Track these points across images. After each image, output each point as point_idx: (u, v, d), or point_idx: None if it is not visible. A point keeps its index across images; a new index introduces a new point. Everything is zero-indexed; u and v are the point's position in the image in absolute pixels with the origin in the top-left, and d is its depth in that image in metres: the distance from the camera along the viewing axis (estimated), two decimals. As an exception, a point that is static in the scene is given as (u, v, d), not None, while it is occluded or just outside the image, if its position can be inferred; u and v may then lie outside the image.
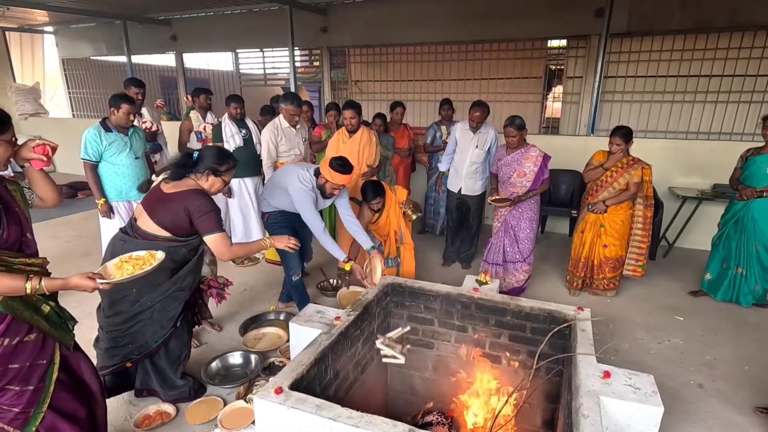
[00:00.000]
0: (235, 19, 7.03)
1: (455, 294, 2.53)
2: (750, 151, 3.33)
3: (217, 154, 2.17)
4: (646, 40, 5.10)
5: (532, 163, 3.35)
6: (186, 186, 2.11)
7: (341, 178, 2.73)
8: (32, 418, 1.55)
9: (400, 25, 6.00)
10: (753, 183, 3.22)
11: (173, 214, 2.05)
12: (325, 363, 1.99)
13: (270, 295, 3.63)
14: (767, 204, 3.22)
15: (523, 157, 3.37)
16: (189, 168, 2.14)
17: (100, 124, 3.15)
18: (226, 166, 2.16)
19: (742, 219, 3.31)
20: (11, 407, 1.51)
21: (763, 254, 3.29)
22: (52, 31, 9.03)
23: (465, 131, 3.77)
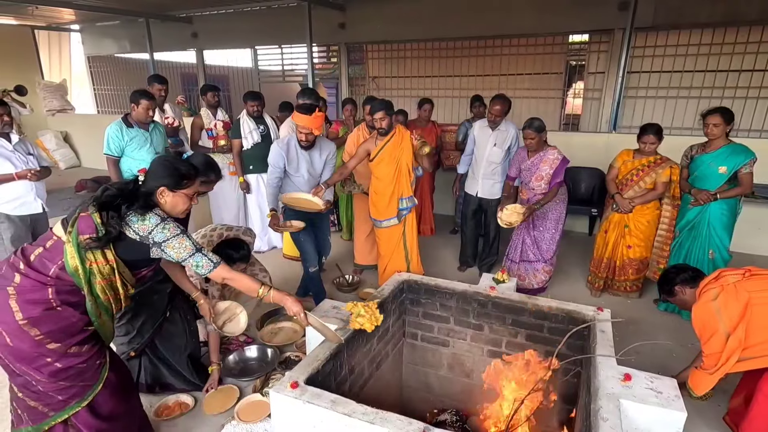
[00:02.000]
0: (255, 16, 7.09)
1: (471, 292, 2.51)
2: (695, 148, 3.13)
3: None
4: (672, 34, 4.94)
5: (548, 166, 3.25)
6: None
7: (303, 119, 2.80)
8: (69, 408, 1.64)
9: (418, 21, 5.95)
10: (706, 185, 3.01)
11: None
12: (340, 359, 2.00)
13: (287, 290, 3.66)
14: (723, 207, 3.01)
15: (541, 160, 3.28)
16: None
17: (122, 120, 3.23)
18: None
19: (697, 225, 3.10)
20: (56, 395, 1.61)
21: (719, 261, 3.07)
22: (78, 29, 9.27)
23: (483, 128, 3.66)
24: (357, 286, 3.74)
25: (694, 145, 3.16)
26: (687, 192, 3.16)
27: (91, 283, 1.59)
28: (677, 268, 2.34)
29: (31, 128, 7.99)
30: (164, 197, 1.71)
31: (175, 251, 1.65)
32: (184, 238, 1.67)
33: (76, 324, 1.60)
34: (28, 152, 3.02)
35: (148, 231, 1.62)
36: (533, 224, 3.43)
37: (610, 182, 3.38)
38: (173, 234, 1.64)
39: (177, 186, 1.72)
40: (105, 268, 1.60)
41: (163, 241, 1.63)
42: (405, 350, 2.78)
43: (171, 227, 1.65)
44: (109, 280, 1.62)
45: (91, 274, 1.58)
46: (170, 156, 1.88)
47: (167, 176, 1.70)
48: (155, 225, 1.62)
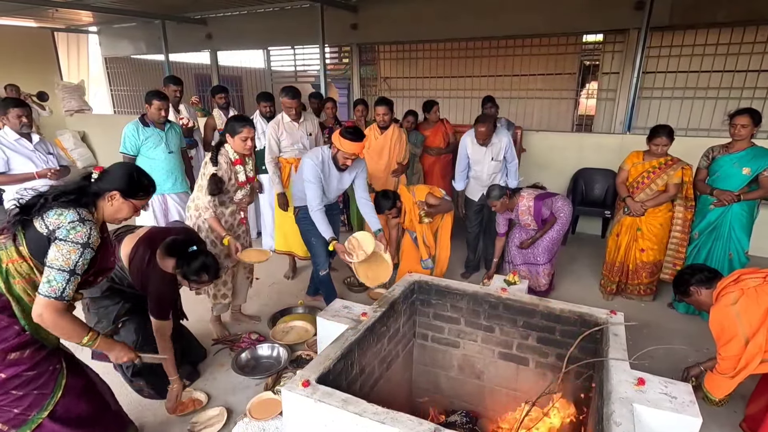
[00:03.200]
0: (268, 17, 7.15)
1: (482, 293, 2.50)
2: (716, 149, 3.08)
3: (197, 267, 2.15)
4: (689, 34, 4.86)
5: (527, 216, 3.37)
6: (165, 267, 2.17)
7: (351, 146, 2.72)
8: (30, 421, 1.56)
9: (430, 22, 5.94)
10: (727, 185, 2.96)
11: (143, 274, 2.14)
12: (351, 358, 2.01)
13: (298, 289, 3.69)
14: (744, 208, 2.97)
15: (519, 212, 3.41)
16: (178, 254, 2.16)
17: (139, 119, 3.29)
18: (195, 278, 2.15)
19: (719, 226, 3.05)
20: (11, 408, 1.53)
21: (736, 263, 3.04)
22: (96, 31, 9.45)
23: (475, 146, 3.59)
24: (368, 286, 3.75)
25: (715, 146, 3.12)
26: (707, 193, 3.11)
27: (9, 284, 1.49)
28: (693, 268, 2.31)
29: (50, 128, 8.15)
30: (113, 201, 1.62)
31: (55, 253, 1.44)
32: (77, 250, 1.45)
33: (7, 329, 1.50)
34: (48, 152, 3.09)
35: (57, 225, 1.46)
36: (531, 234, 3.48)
37: (620, 185, 3.35)
38: (75, 240, 1.45)
39: (130, 195, 1.65)
40: (22, 266, 1.48)
41: (61, 238, 1.44)
42: (415, 351, 2.78)
43: (81, 232, 1.46)
44: (29, 280, 1.50)
45: (8, 274, 1.48)
46: (134, 165, 1.78)
47: (126, 183, 1.64)
48: (69, 221, 1.46)
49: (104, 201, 1.61)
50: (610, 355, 1.91)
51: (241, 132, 2.57)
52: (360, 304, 2.40)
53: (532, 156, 5.03)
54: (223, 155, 2.62)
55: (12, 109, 2.87)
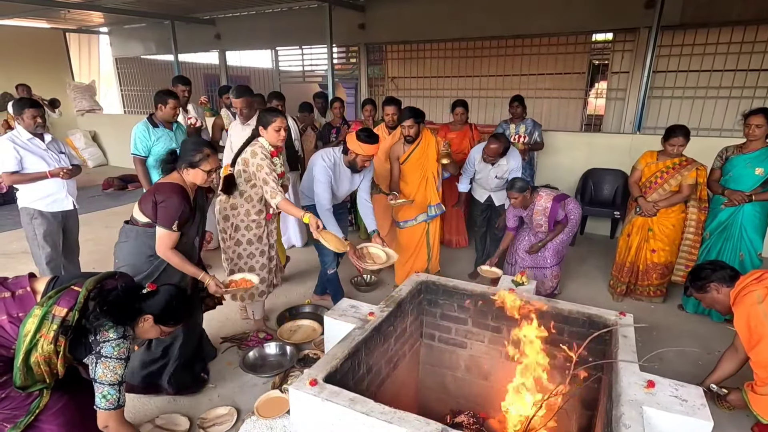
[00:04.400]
0: (276, 17, 7.18)
1: (490, 294, 2.49)
2: (730, 149, 3.04)
3: (189, 146, 2.20)
4: (700, 32, 4.80)
5: (541, 216, 3.29)
6: (170, 178, 2.19)
7: (370, 148, 2.78)
8: None
9: (438, 21, 5.93)
10: (740, 186, 2.94)
11: (148, 201, 2.14)
12: (358, 357, 2.01)
13: (305, 288, 3.71)
14: (757, 209, 2.94)
15: (533, 211, 3.32)
16: (173, 163, 2.20)
17: (148, 120, 3.30)
18: (199, 155, 2.16)
19: (729, 227, 3.02)
20: None
21: (748, 264, 3.00)
22: (106, 31, 9.56)
23: (482, 162, 3.57)
24: (375, 286, 3.76)
25: (729, 146, 3.08)
26: (719, 193, 3.09)
27: (28, 353, 1.51)
28: (715, 264, 2.23)
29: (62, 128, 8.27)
30: (144, 323, 1.69)
31: (104, 370, 1.55)
32: (121, 365, 1.58)
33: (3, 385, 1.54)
34: (60, 151, 3.13)
35: (104, 339, 1.55)
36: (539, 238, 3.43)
37: (633, 185, 3.31)
38: (118, 356, 1.57)
39: (162, 322, 1.72)
40: (49, 347, 1.51)
41: (106, 356, 1.55)
42: (422, 351, 2.78)
43: (123, 349, 1.58)
44: (47, 358, 1.53)
45: (34, 345, 1.51)
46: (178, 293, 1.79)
47: (162, 311, 1.70)
48: (114, 338, 1.56)
49: (139, 321, 1.69)
50: (619, 357, 1.89)
51: (274, 122, 2.60)
52: (367, 304, 2.40)
53: (542, 155, 5.00)
54: (259, 149, 2.62)
55: (27, 109, 2.91)
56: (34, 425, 1.62)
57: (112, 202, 6.45)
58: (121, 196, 6.79)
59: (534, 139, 4.36)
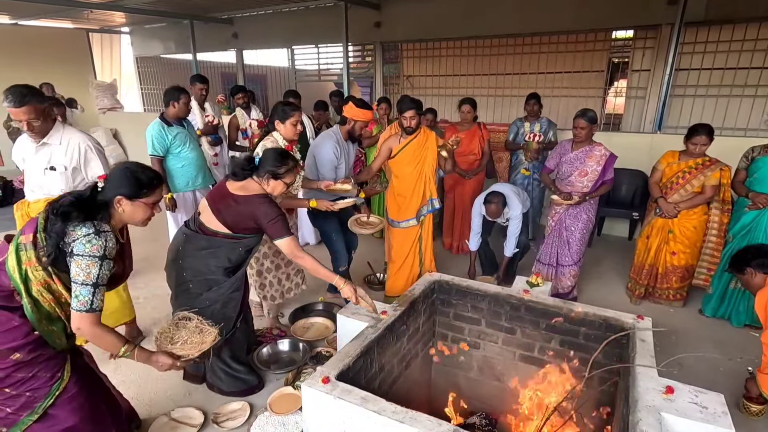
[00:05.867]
0: (292, 16, 7.23)
1: (504, 295, 2.47)
2: (757, 150, 2.94)
3: (275, 157, 2.17)
4: (725, 29, 4.66)
5: (595, 163, 3.13)
6: (252, 190, 2.15)
7: (367, 113, 2.94)
8: (20, 422, 1.58)
9: (454, 19, 5.88)
10: (765, 188, 2.83)
11: (238, 215, 2.12)
12: (370, 356, 2.01)
13: (319, 285, 3.72)
14: None
15: (587, 155, 3.15)
16: (250, 171, 2.18)
17: (160, 119, 3.28)
18: (284, 168, 2.16)
19: (753, 230, 2.92)
20: (4, 407, 1.56)
21: None
22: (128, 31, 9.76)
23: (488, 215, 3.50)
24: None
25: (756, 147, 2.99)
26: (744, 195, 3.00)
27: (28, 285, 1.51)
28: (758, 249, 2.32)
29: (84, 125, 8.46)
30: (122, 206, 1.62)
31: (76, 269, 1.48)
32: (95, 264, 1.49)
33: (18, 329, 1.52)
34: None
35: (74, 239, 1.48)
36: (564, 224, 3.33)
37: (653, 185, 3.23)
38: (92, 253, 1.48)
39: (136, 195, 1.63)
40: (37, 271, 1.51)
41: (77, 254, 1.48)
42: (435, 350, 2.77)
43: (97, 245, 1.49)
44: (45, 283, 1.52)
45: (27, 277, 1.51)
46: (132, 163, 1.72)
47: (126, 185, 1.62)
48: (84, 234, 1.49)
49: (115, 209, 1.62)
50: (636, 362, 1.85)
51: (292, 116, 2.65)
52: (379, 302, 2.40)
53: (558, 155, 4.92)
54: (270, 144, 2.65)
55: None
56: (47, 413, 1.62)
57: None
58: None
59: (548, 138, 4.30)
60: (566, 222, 3.33)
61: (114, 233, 1.59)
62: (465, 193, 4.23)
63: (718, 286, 3.11)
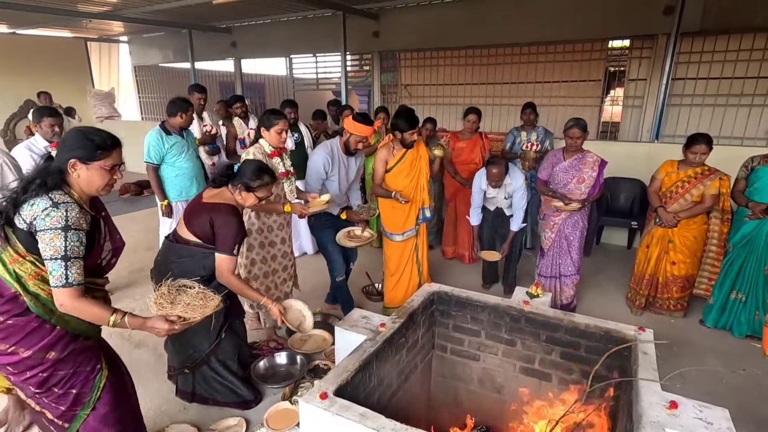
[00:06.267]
0: (290, 26, 7.27)
1: (504, 306, 2.44)
2: (756, 159, 2.94)
3: (252, 170, 2.16)
4: (721, 39, 4.69)
5: (590, 169, 3.16)
6: (223, 199, 2.15)
7: (363, 129, 2.85)
8: (77, 417, 1.63)
9: (452, 29, 5.92)
10: (764, 198, 2.82)
11: (202, 222, 2.10)
12: (369, 370, 1.98)
13: (316, 296, 3.69)
14: None
15: (581, 162, 3.19)
16: (227, 179, 2.17)
17: (160, 127, 3.32)
18: (258, 182, 2.14)
19: (753, 239, 2.91)
20: (58, 405, 1.60)
21: None
22: (126, 40, 9.79)
23: (489, 187, 3.49)
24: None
25: (756, 156, 3.00)
26: (743, 205, 3.00)
27: (22, 283, 1.48)
28: None
29: (81, 134, 8.46)
30: (77, 170, 1.51)
31: (42, 246, 1.42)
32: (59, 236, 1.41)
33: (40, 328, 1.51)
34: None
35: (33, 217, 1.42)
36: (564, 234, 3.32)
37: (652, 195, 3.23)
38: (53, 226, 1.41)
39: (91, 157, 1.51)
40: (25, 264, 1.47)
41: (41, 230, 1.41)
42: (434, 362, 2.73)
43: (57, 216, 1.42)
44: (38, 275, 1.49)
45: (18, 275, 1.48)
46: (86, 127, 1.63)
47: (78, 147, 1.51)
48: (42, 209, 1.42)
49: (71, 176, 1.52)
50: (639, 375, 1.82)
51: (276, 124, 2.65)
52: (378, 314, 2.38)
53: (556, 164, 4.93)
54: (253, 150, 2.66)
55: (46, 118, 2.96)
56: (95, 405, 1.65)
57: (128, 207, 6.56)
58: (138, 201, 6.90)
59: (545, 147, 4.30)
60: (566, 231, 3.32)
61: (80, 204, 1.52)
62: (466, 201, 4.22)
63: (719, 296, 3.10)
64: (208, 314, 1.75)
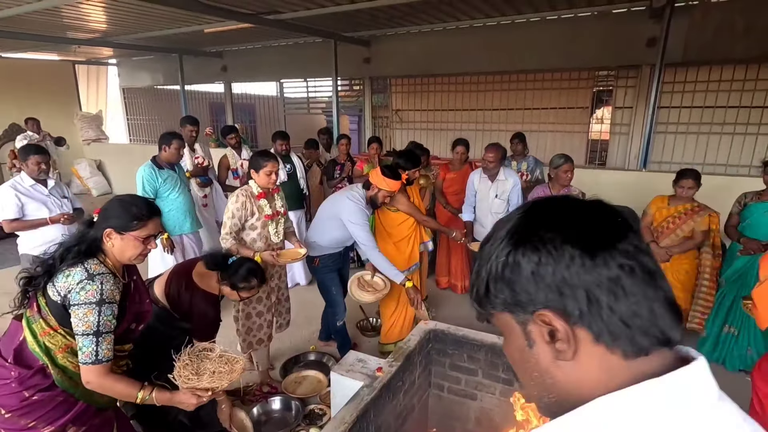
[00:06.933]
0: (281, 51, 7.32)
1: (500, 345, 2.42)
2: (749, 196, 3.00)
3: (244, 273, 2.15)
4: (703, 69, 4.85)
5: None
6: (207, 286, 2.15)
7: (394, 184, 2.82)
8: None
9: (443, 56, 6.02)
10: (756, 234, 2.86)
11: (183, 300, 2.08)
12: (367, 419, 1.94)
13: (310, 330, 3.63)
14: None
15: (569, 191, 3.26)
16: (216, 268, 2.16)
17: (152, 162, 3.31)
18: (245, 284, 2.15)
19: (745, 275, 2.94)
20: None
21: None
22: (115, 63, 9.75)
23: (483, 179, 3.53)
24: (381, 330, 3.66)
25: (749, 193, 3.06)
26: (736, 240, 3.05)
27: (51, 356, 1.46)
28: None
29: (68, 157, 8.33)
30: (111, 240, 1.50)
31: (75, 319, 1.40)
32: (93, 311, 1.39)
33: (65, 402, 1.49)
34: (63, 195, 3.11)
35: (67, 289, 1.41)
36: None
37: (644, 229, 3.27)
38: (87, 300, 1.39)
39: (126, 228, 1.51)
40: (55, 337, 1.45)
41: (75, 304, 1.40)
42: (431, 402, 2.69)
43: (92, 290, 1.40)
44: (66, 348, 1.47)
45: (47, 348, 1.46)
46: (127, 195, 1.66)
47: (115, 216, 1.52)
48: (77, 282, 1.41)
49: (106, 245, 1.51)
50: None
51: (265, 166, 2.63)
52: (374, 357, 2.34)
53: (546, 191, 4.99)
54: (240, 193, 2.65)
55: (32, 156, 2.91)
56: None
57: None
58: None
59: (536, 176, 4.34)
60: None
61: (113, 272, 1.51)
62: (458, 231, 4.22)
63: (712, 330, 3.12)
64: (236, 379, 1.72)
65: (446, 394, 2.65)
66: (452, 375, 2.61)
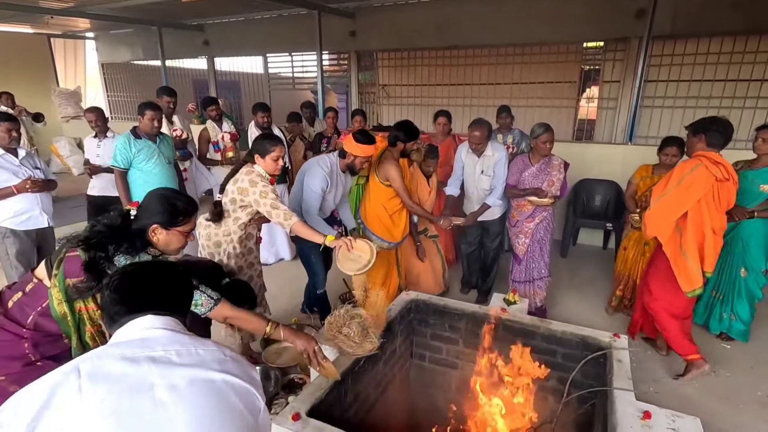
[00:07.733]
0: (265, 24, 7.11)
1: (482, 314, 2.44)
2: (739, 164, 3.01)
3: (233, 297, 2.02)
4: (691, 42, 4.80)
5: (557, 171, 3.24)
6: None
7: (368, 149, 2.77)
8: None
9: (429, 29, 5.89)
10: (743, 201, 2.87)
11: None
12: (345, 386, 1.94)
13: (293, 304, 3.61)
14: (759, 225, 2.90)
15: (548, 166, 3.25)
16: None
17: (131, 131, 3.23)
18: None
19: (730, 242, 2.99)
20: None
21: (752, 283, 2.98)
22: (92, 36, 9.40)
23: (470, 154, 3.46)
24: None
25: (740, 161, 3.05)
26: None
27: (80, 331, 1.49)
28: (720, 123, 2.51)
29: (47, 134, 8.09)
30: (157, 235, 1.59)
31: None
32: None
33: None
34: (35, 166, 3.01)
35: None
36: (537, 238, 3.34)
37: (628, 199, 3.28)
38: None
39: (171, 224, 1.60)
40: (97, 314, 1.49)
41: None
42: (412, 372, 2.70)
43: None
44: (99, 327, 1.51)
45: (80, 322, 1.48)
46: (167, 190, 1.73)
47: (161, 212, 1.59)
48: None
49: (151, 236, 1.59)
50: (614, 383, 1.83)
51: (272, 152, 2.42)
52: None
53: (532, 165, 4.96)
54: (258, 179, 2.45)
55: (3, 123, 2.79)
56: None
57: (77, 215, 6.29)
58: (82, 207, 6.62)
59: (521, 149, 4.31)
60: (539, 235, 3.34)
61: None
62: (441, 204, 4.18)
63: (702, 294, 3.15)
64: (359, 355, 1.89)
65: (428, 364, 2.66)
66: (434, 344, 2.62)
